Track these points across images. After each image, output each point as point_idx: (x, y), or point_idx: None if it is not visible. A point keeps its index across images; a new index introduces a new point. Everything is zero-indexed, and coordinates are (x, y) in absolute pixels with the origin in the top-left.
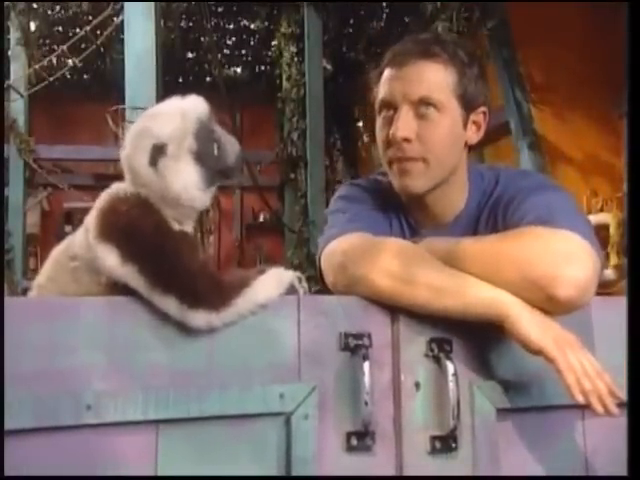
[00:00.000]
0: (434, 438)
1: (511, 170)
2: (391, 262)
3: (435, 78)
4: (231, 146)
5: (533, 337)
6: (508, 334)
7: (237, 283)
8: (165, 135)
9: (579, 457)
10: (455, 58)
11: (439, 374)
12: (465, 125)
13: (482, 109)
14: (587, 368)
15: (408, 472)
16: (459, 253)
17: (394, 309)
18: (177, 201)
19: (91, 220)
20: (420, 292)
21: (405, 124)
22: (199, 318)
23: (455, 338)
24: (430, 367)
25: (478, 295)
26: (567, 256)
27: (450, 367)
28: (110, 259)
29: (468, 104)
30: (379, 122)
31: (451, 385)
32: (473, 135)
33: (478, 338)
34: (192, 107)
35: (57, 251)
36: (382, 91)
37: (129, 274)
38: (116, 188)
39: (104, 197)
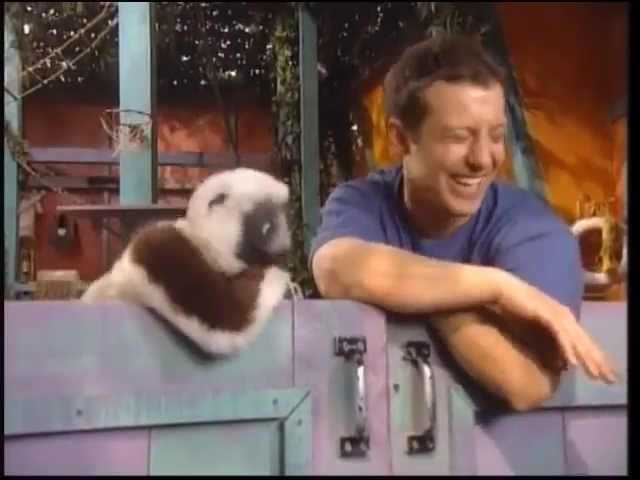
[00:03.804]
0: (411, 438)
1: (509, 192)
2: (381, 263)
3: (502, 100)
4: (282, 238)
5: (529, 305)
6: (503, 310)
7: (250, 296)
8: (232, 190)
9: (557, 459)
10: (500, 76)
11: (417, 377)
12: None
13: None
14: (582, 334)
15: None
16: None
17: (389, 314)
18: (211, 250)
19: (127, 249)
20: (411, 284)
21: (487, 150)
22: (222, 340)
23: (433, 342)
24: (408, 370)
25: (470, 279)
26: None
27: (427, 370)
28: (138, 279)
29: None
30: (442, 141)
31: (427, 388)
32: None
33: None
34: (271, 185)
35: (99, 281)
36: (461, 114)
37: (154, 293)
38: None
39: (139, 232)
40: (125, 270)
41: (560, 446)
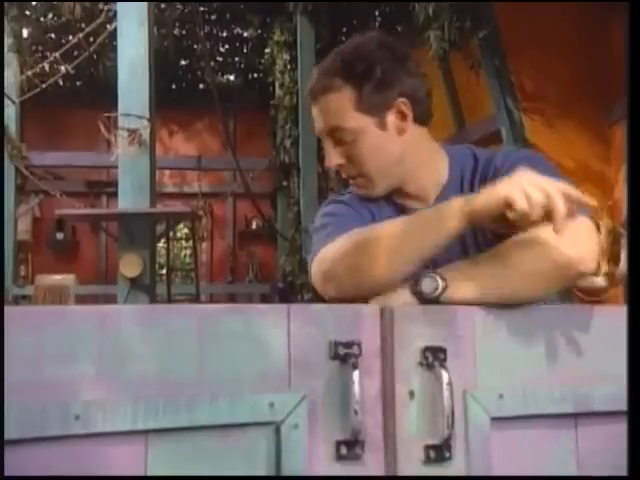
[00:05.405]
0: (428, 447)
1: (484, 151)
2: (373, 249)
3: (336, 106)
4: None
5: (493, 199)
6: (484, 221)
7: None
8: None
9: (572, 466)
10: (350, 77)
11: (433, 383)
12: (384, 126)
13: (400, 100)
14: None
15: None
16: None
17: (384, 315)
18: None
19: None
20: (390, 249)
21: (330, 155)
22: None
23: (449, 346)
24: (425, 376)
25: (433, 214)
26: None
27: (444, 376)
28: None
29: (378, 108)
30: None
31: (445, 394)
32: (402, 124)
33: (472, 346)
34: None
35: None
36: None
37: None
38: None
39: None
40: None
41: (572, 452)
